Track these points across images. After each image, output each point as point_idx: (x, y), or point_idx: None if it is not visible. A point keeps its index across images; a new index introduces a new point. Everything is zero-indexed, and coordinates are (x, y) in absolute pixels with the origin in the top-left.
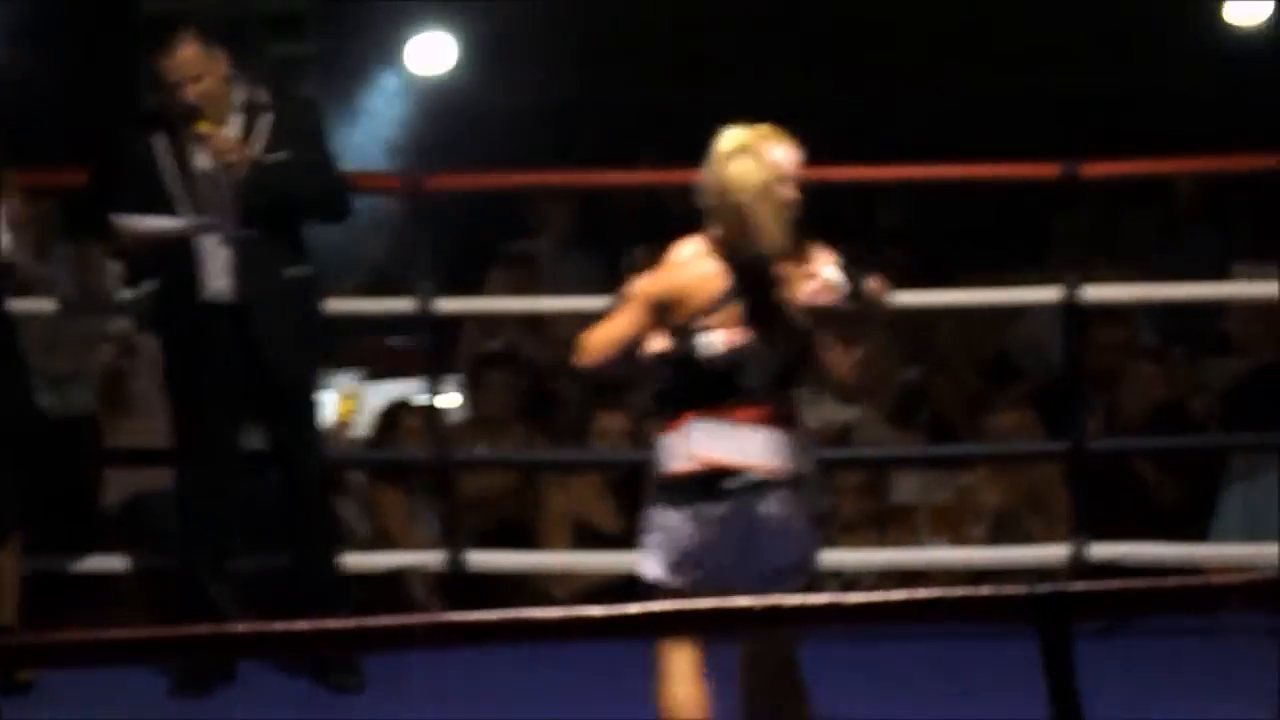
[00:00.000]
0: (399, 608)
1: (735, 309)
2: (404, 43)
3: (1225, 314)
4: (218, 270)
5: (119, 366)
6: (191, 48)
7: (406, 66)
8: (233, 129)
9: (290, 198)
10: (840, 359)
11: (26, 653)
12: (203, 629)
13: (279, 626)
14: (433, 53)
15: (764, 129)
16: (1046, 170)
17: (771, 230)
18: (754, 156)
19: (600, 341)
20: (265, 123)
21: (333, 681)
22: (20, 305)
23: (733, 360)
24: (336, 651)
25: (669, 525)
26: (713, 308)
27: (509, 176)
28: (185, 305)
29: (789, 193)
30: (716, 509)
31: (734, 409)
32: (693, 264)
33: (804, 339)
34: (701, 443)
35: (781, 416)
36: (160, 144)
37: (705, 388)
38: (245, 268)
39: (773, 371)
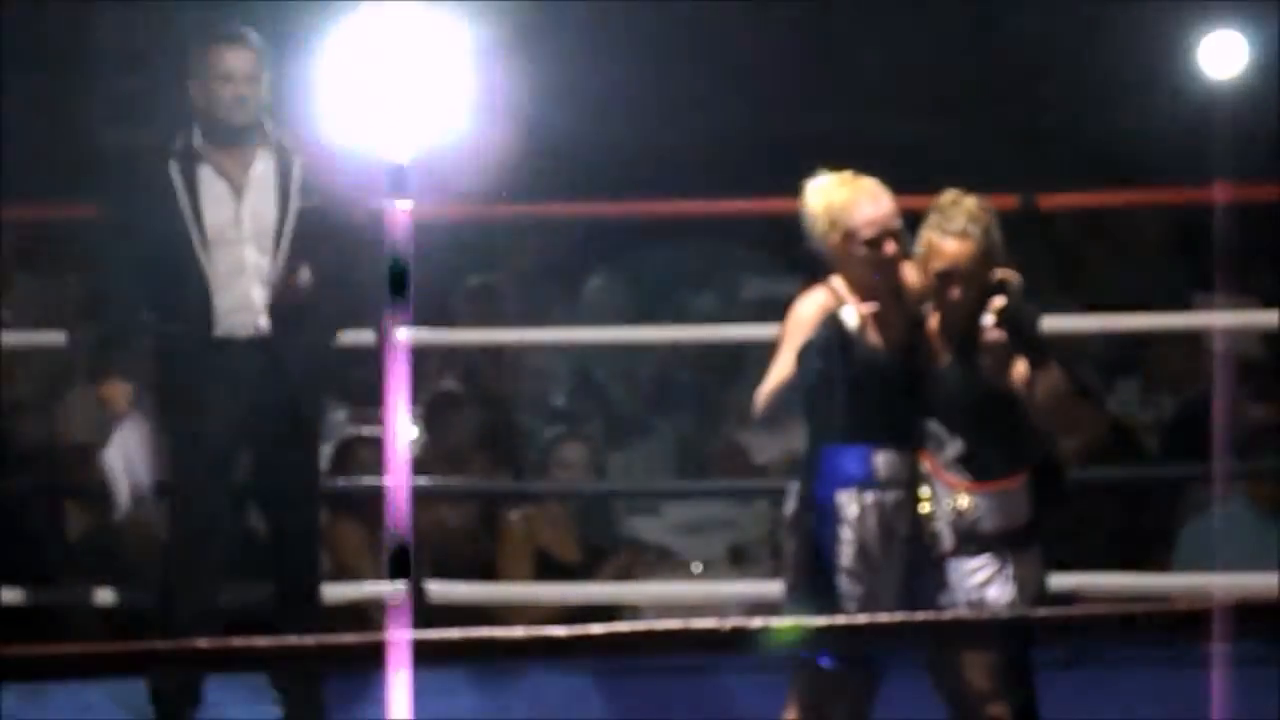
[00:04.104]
0: None
1: None
2: None
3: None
4: (240, 306)
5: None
6: (250, 51)
7: None
8: (266, 168)
9: (319, 248)
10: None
11: None
12: (165, 645)
13: (240, 643)
14: None
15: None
16: (1006, 201)
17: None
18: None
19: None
20: (297, 167)
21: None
22: None
23: None
24: (299, 668)
25: None
26: None
27: (481, 207)
28: (200, 338)
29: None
30: None
31: None
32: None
33: None
34: None
35: None
36: (176, 174)
37: None
38: (277, 310)
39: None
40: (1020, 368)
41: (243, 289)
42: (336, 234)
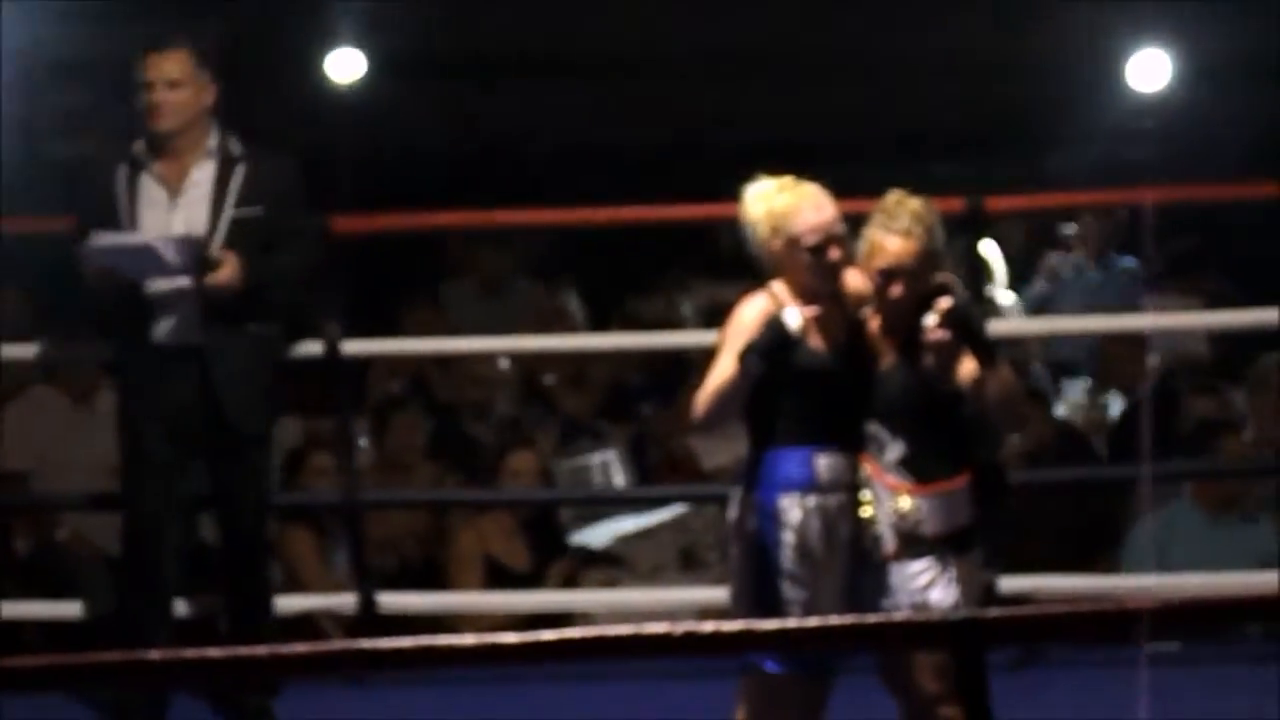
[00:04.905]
0: None
1: None
2: None
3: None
4: (176, 314)
5: None
6: (181, 55)
7: None
8: (203, 175)
9: (257, 258)
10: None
11: None
12: (119, 656)
13: (193, 653)
14: None
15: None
16: (952, 204)
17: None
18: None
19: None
20: (239, 175)
21: None
22: None
23: None
24: (254, 678)
25: None
26: None
27: (412, 218)
28: (141, 348)
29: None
30: None
31: None
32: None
33: None
34: None
35: None
36: (121, 177)
37: None
38: (209, 314)
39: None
40: (966, 368)
41: (174, 298)
42: (279, 242)
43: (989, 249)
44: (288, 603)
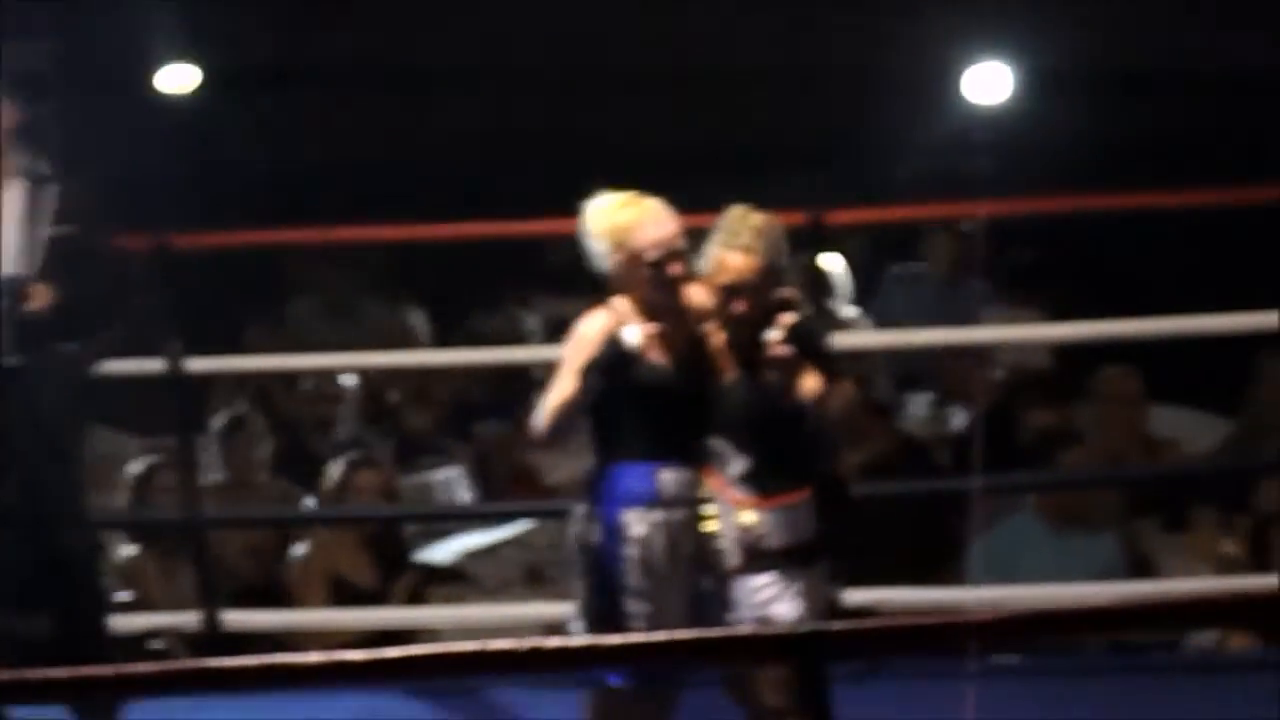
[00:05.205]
0: None
1: None
2: None
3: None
4: None
5: None
6: None
7: None
8: (11, 196)
9: (67, 279)
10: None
11: None
12: None
13: (36, 674)
14: None
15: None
16: (794, 218)
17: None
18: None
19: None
20: (48, 196)
21: None
22: None
23: None
24: (98, 698)
25: None
26: None
27: (250, 235)
28: None
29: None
30: None
31: None
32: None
33: None
34: None
35: None
36: None
37: None
38: (21, 336)
39: None
40: (809, 383)
41: None
42: (93, 262)
43: (833, 263)
44: (132, 621)
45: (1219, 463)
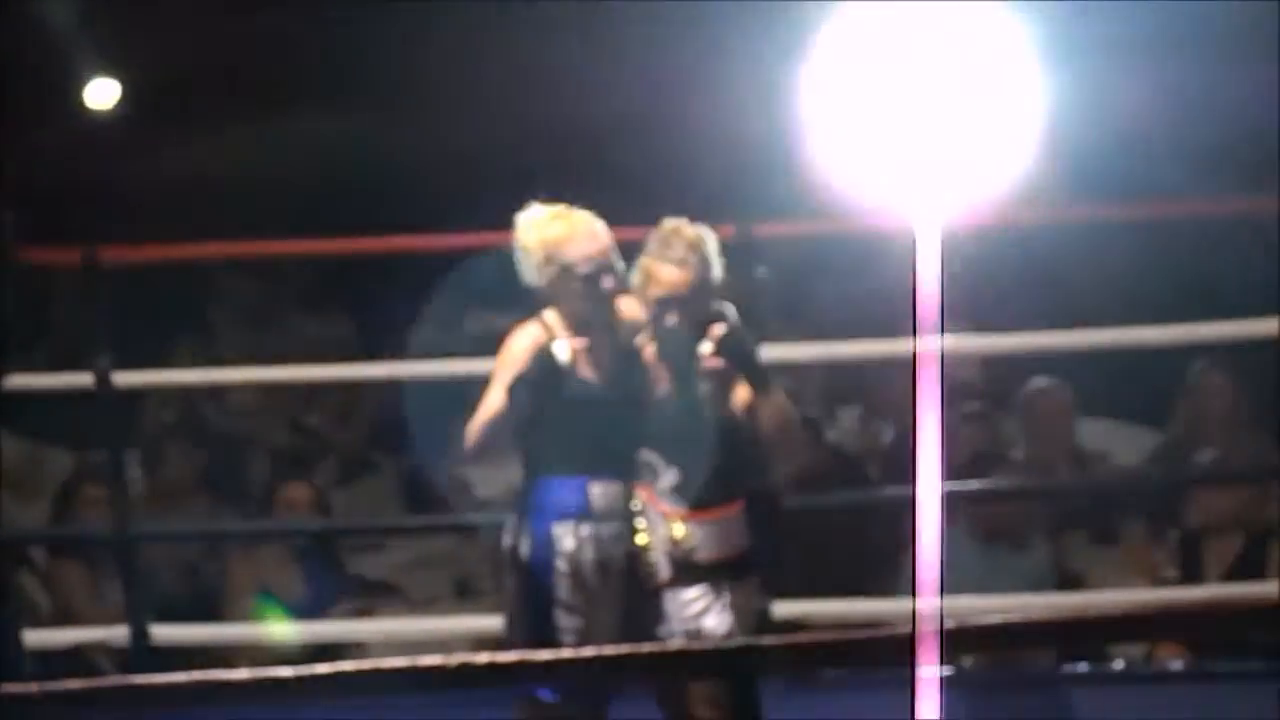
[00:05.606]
0: None
1: None
2: None
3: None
4: None
5: None
6: None
7: None
8: None
9: None
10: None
11: None
12: None
13: None
14: None
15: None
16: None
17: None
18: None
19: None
20: None
21: None
22: None
23: None
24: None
25: None
26: None
27: (175, 249)
28: None
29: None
30: None
31: None
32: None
33: None
34: None
35: None
36: None
37: None
38: None
39: None
40: (740, 396)
41: None
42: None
43: (764, 275)
44: (58, 636)
45: (1149, 475)
